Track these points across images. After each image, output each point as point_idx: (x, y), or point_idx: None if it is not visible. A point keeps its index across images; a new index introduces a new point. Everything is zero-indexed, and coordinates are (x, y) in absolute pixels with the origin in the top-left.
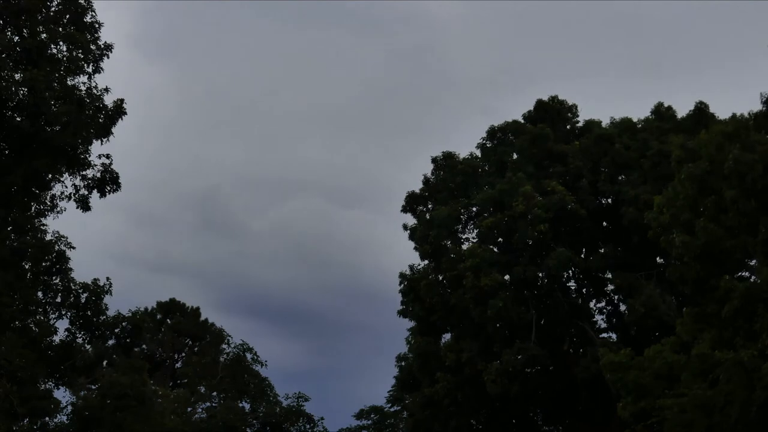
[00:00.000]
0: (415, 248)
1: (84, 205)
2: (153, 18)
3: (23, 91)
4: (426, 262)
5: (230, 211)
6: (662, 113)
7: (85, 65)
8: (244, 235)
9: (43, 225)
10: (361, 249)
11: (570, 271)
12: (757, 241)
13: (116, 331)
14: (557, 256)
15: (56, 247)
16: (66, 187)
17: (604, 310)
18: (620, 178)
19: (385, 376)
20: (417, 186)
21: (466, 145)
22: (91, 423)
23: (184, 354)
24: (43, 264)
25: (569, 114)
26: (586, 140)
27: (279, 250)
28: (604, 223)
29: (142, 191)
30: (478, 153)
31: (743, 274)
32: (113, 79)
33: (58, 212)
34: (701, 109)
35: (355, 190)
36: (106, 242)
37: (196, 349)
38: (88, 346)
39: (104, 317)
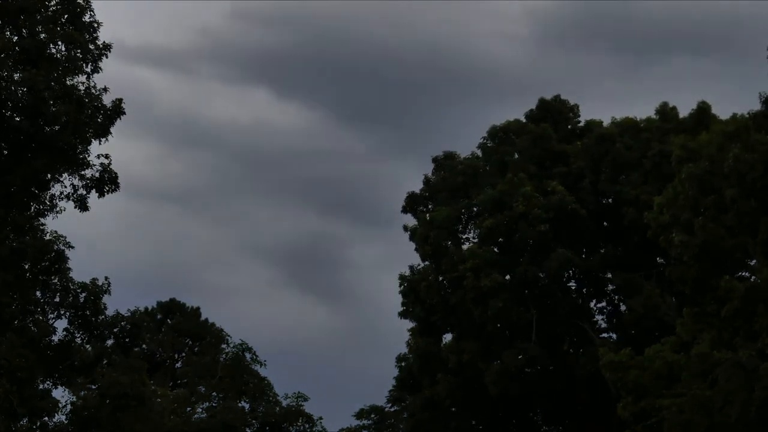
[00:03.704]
0: (416, 249)
1: (82, 205)
2: None
3: (22, 90)
4: (426, 262)
5: None
6: (665, 113)
7: (84, 65)
8: None
9: (42, 225)
10: None
11: (570, 271)
12: (757, 241)
13: (115, 330)
14: (557, 256)
15: (55, 247)
16: (65, 187)
17: (604, 310)
18: (621, 178)
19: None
20: (417, 186)
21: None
22: (90, 423)
23: (184, 354)
24: (42, 264)
25: (571, 114)
26: (587, 140)
27: None
28: (605, 223)
29: None
30: (479, 152)
31: (743, 274)
32: None
33: (57, 212)
34: (703, 109)
35: None
36: None
37: (196, 349)
38: (87, 346)
39: (103, 317)
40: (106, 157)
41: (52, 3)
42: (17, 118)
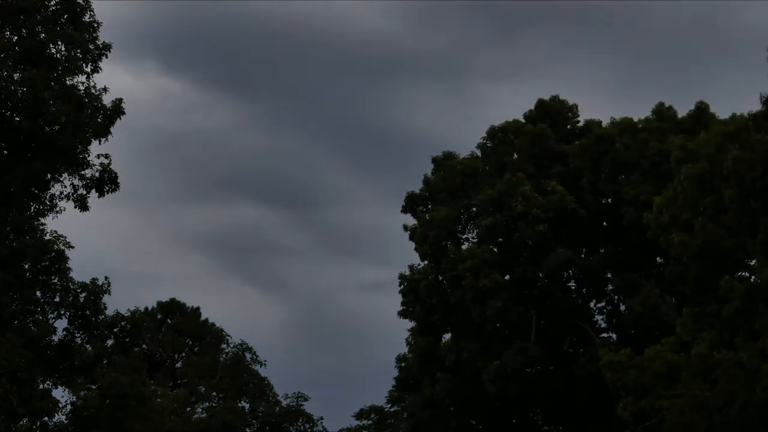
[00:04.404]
0: (415, 249)
1: (82, 204)
2: None
3: (22, 90)
4: (426, 262)
5: None
6: (663, 113)
7: (84, 65)
8: None
9: (42, 225)
10: None
11: (570, 271)
12: (756, 241)
13: (115, 330)
14: (557, 256)
15: (55, 247)
16: (65, 187)
17: (604, 310)
18: (620, 178)
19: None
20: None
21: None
22: (90, 423)
23: (184, 354)
24: (42, 264)
25: (570, 114)
26: (586, 140)
27: None
28: (604, 223)
29: None
30: (478, 152)
31: (743, 274)
32: None
33: (57, 212)
34: (701, 108)
35: None
36: None
37: (196, 349)
38: (87, 346)
39: (103, 317)
40: (106, 157)
41: (52, 3)
42: (17, 118)
